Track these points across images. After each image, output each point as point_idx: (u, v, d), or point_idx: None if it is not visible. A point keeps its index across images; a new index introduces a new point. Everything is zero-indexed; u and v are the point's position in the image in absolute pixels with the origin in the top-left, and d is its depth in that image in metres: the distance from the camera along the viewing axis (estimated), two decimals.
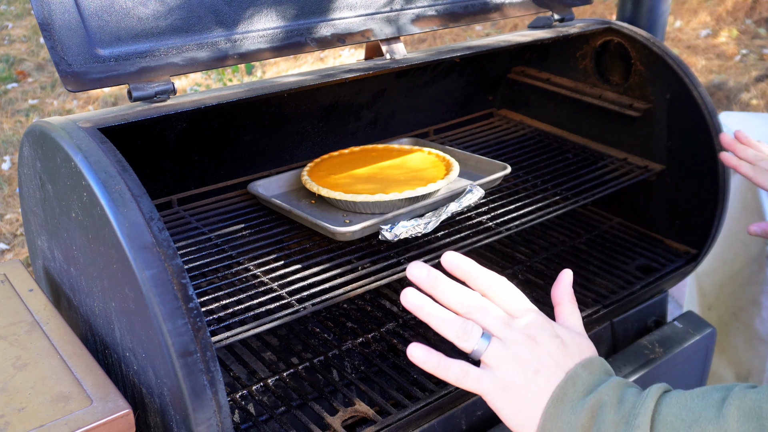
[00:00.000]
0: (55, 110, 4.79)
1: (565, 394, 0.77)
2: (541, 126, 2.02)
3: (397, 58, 1.40)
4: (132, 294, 0.94)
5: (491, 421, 1.36)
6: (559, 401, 0.76)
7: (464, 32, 5.86)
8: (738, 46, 5.10)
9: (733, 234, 2.10)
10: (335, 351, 1.42)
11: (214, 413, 0.93)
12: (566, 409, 0.75)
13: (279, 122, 1.62)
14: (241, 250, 1.35)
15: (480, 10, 1.55)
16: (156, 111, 1.13)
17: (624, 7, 2.49)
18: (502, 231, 1.48)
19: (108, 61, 1.11)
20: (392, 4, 1.43)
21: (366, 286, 1.29)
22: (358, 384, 1.31)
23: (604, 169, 1.75)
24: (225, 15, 1.23)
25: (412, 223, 1.35)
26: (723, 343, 2.12)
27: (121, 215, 0.94)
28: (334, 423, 1.22)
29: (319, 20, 1.33)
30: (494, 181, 1.56)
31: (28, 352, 1.09)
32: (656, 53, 1.67)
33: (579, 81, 1.91)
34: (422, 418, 1.25)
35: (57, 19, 1.06)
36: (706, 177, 1.65)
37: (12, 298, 1.23)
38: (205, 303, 1.23)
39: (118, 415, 0.97)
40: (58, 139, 1.05)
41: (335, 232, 1.33)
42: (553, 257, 1.74)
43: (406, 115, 1.89)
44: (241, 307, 1.19)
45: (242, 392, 1.30)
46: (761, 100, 4.48)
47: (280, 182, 1.59)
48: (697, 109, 1.62)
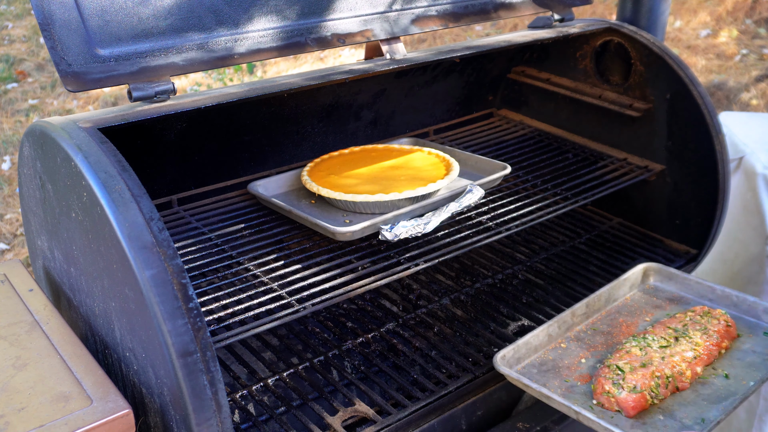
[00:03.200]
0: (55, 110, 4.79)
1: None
2: (541, 126, 2.02)
3: (397, 58, 1.40)
4: (132, 294, 0.94)
5: (491, 421, 1.36)
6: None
7: (464, 32, 5.86)
8: (738, 46, 5.10)
9: (733, 234, 2.10)
10: (335, 351, 1.42)
11: (214, 413, 0.93)
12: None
13: (279, 122, 1.62)
14: (241, 250, 1.35)
15: (480, 10, 1.55)
16: (156, 111, 1.13)
17: (624, 7, 2.49)
18: (502, 231, 1.48)
19: (108, 61, 1.11)
20: (392, 5, 1.43)
21: (366, 286, 1.29)
22: (358, 384, 1.31)
23: (604, 169, 1.75)
24: (225, 15, 1.23)
25: (412, 223, 1.35)
26: None
27: (121, 215, 0.94)
28: (334, 423, 1.22)
29: (319, 20, 1.33)
30: (494, 181, 1.56)
31: (28, 352, 1.09)
32: (656, 53, 1.67)
33: (579, 81, 1.91)
34: (422, 418, 1.25)
35: (57, 19, 1.06)
36: (706, 177, 1.65)
37: (12, 298, 1.23)
38: (205, 303, 1.23)
39: (118, 415, 0.97)
40: (58, 139, 1.05)
41: (335, 232, 1.33)
42: (553, 257, 1.75)
43: (406, 115, 1.89)
44: (241, 307, 1.19)
45: (242, 392, 1.30)
46: (761, 100, 4.48)
47: (280, 182, 1.59)
48: (697, 109, 1.62)
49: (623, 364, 1.20)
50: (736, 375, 1.20)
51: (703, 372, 1.21)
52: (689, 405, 1.14)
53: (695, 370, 1.19)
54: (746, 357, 1.26)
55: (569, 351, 1.32)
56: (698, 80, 1.63)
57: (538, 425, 1.34)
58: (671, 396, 1.17)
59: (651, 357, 1.21)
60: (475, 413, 1.33)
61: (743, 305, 1.39)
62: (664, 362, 1.18)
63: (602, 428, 1.08)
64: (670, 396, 1.17)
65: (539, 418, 1.35)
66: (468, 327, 1.50)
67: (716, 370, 1.21)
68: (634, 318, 1.42)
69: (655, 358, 1.20)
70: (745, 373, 1.21)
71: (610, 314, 1.43)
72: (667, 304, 1.46)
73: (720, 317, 1.31)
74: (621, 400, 1.13)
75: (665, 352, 1.22)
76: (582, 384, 1.23)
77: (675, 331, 1.29)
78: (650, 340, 1.26)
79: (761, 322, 1.35)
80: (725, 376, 1.20)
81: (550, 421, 1.35)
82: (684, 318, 1.33)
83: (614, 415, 1.13)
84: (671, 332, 1.28)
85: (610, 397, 1.15)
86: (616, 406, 1.14)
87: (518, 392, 1.39)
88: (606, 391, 1.15)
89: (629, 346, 1.25)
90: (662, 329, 1.31)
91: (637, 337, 1.28)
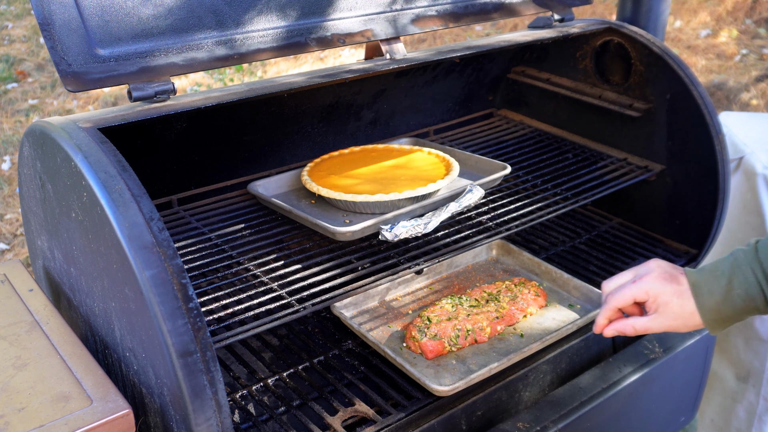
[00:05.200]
0: (55, 110, 4.79)
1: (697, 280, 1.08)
2: (541, 126, 2.02)
3: (397, 58, 1.40)
4: (132, 294, 0.94)
5: (491, 421, 1.36)
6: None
7: (464, 32, 5.86)
8: (738, 46, 5.10)
9: (733, 234, 2.10)
10: (335, 351, 1.42)
11: (214, 413, 0.93)
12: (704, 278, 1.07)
13: (279, 122, 1.62)
14: (241, 250, 1.35)
15: (480, 10, 1.55)
16: (156, 111, 1.13)
17: (624, 7, 2.49)
18: (502, 231, 1.48)
19: (108, 61, 1.11)
20: (392, 5, 1.43)
21: (366, 286, 1.29)
22: (358, 384, 1.31)
23: (604, 169, 1.75)
24: (225, 15, 1.23)
25: (412, 223, 1.35)
26: (723, 343, 2.12)
27: (121, 215, 0.94)
28: (334, 423, 1.22)
29: (319, 20, 1.33)
30: (494, 181, 1.56)
31: (28, 352, 1.09)
32: (656, 53, 1.67)
33: (579, 81, 1.91)
34: (422, 418, 1.25)
35: (57, 19, 1.06)
36: (706, 177, 1.65)
37: (12, 298, 1.23)
38: (205, 303, 1.23)
39: (118, 415, 0.97)
40: (58, 139, 1.05)
41: (335, 232, 1.33)
42: (553, 257, 1.75)
43: (406, 115, 1.89)
44: (241, 307, 1.19)
45: (242, 392, 1.30)
46: (761, 100, 4.48)
47: (280, 182, 1.59)
48: (697, 109, 1.62)
49: (432, 316, 1.39)
50: (529, 335, 1.40)
51: (503, 331, 1.41)
52: (481, 355, 1.35)
53: (496, 329, 1.39)
54: (545, 323, 1.45)
55: (401, 303, 1.52)
56: (698, 80, 1.63)
57: (538, 425, 1.34)
58: (470, 347, 1.37)
59: (458, 313, 1.41)
60: (475, 413, 1.33)
61: (559, 281, 1.55)
62: (468, 318, 1.39)
63: (398, 364, 1.28)
64: (469, 347, 1.37)
65: (539, 418, 1.36)
66: None
67: (516, 331, 1.41)
68: (467, 283, 1.59)
69: (461, 314, 1.40)
70: (538, 334, 1.41)
71: (449, 278, 1.61)
72: (500, 274, 1.63)
73: (531, 288, 1.50)
74: (422, 344, 1.33)
75: (472, 311, 1.42)
76: (401, 330, 1.43)
77: (489, 295, 1.48)
78: (463, 300, 1.46)
79: (571, 296, 1.53)
80: (521, 335, 1.40)
81: (549, 421, 1.35)
82: (501, 286, 1.51)
83: (417, 357, 1.34)
84: (485, 296, 1.48)
85: (415, 342, 1.35)
86: (419, 349, 1.34)
87: (518, 392, 1.40)
88: (413, 337, 1.35)
89: (444, 303, 1.44)
90: (479, 292, 1.49)
91: (454, 297, 1.47)
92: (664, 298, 1.10)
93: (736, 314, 1.06)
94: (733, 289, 1.04)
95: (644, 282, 1.12)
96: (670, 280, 1.11)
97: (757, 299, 1.03)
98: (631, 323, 1.14)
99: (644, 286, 1.12)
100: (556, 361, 1.46)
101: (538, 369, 1.42)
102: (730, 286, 1.05)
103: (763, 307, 1.04)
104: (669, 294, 1.10)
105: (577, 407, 1.40)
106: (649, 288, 1.12)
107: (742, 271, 1.04)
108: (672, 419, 1.70)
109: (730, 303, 1.05)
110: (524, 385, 1.41)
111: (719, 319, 1.07)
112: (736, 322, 1.09)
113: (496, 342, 1.38)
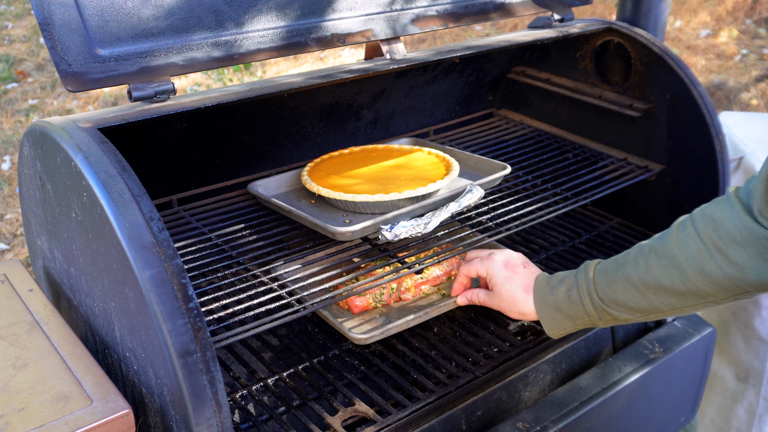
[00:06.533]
0: (55, 110, 4.79)
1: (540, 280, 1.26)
2: (541, 126, 2.02)
3: (397, 58, 1.40)
4: (132, 294, 0.94)
5: (491, 421, 1.36)
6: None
7: (464, 32, 5.87)
8: (738, 46, 5.10)
9: None
10: (335, 351, 1.42)
11: (214, 413, 0.93)
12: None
13: (279, 122, 1.62)
14: (241, 250, 1.35)
15: (480, 10, 1.55)
16: (156, 111, 1.13)
17: (624, 7, 2.49)
18: (502, 231, 1.48)
19: (108, 61, 1.11)
20: (392, 4, 1.43)
21: (366, 286, 1.29)
22: (358, 384, 1.31)
23: (604, 169, 1.75)
24: (225, 15, 1.23)
25: (412, 223, 1.35)
26: (723, 343, 2.12)
27: (121, 215, 0.94)
28: (334, 423, 1.22)
29: (319, 20, 1.33)
30: (494, 181, 1.56)
31: (28, 352, 1.09)
32: (656, 53, 1.67)
33: (579, 81, 1.91)
34: (422, 418, 1.25)
35: (57, 19, 1.06)
36: (706, 177, 1.65)
37: (12, 298, 1.23)
38: (205, 303, 1.23)
39: (118, 415, 0.97)
40: (58, 139, 1.05)
41: (335, 232, 1.33)
42: (553, 257, 1.75)
43: (406, 115, 1.89)
44: (241, 307, 1.19)
45: (242, 392, 1.30)
46: (761, 100, 4.48)
47: (280, 182, 1.59)
48: (697, 109, 1.62)
49: (361, 277, 1.42)
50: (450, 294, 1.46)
51: (428, 291, 1.49)
52: (404, 311, 1.43)
53: (421, 289, 1.48)
54: None
55: None
56: (698, 80, 1.63)
57: (538, 425, 1.34)
58: (395, 303, 1.45)
59: None
60: (475, 413, 1.33)
61: None
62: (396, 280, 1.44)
63: (323, 315, 1.38)
64: (394, 303, 1.45)
65: (539, 418, 1.36)
66: (467, 327, 1.50)
67: (440, 290, 1.50)
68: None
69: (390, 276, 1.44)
70: None
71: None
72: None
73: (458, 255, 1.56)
74: (349, 300, 1.41)
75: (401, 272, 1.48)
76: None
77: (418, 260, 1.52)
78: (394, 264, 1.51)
79: None
80: (443, 294, 1.49)
81: (549, 421, 1.35)
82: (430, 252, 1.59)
83: (346, 312, 1.42)
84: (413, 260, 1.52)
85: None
86: (347, 305, 1.42)
87: (518, 392, 1.40)
88: None
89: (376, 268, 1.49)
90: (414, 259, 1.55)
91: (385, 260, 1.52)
92: (496, 280, 1.29)
93: (566, 318, 1.22)
94: (562, 286, 1.22)
95: (487, 261, 1.32)
96: (509, 267, 1.29)
97: (579, 303, 1.19)
98: (477, 293, 1.35)
99: (486, 264, 1.32)
100: (556, 361, 1.46)
101: (538, 369, 1.42)
102: (561, 284, 1.22)
103: (590, 312, 1.19)
104: (502, 277, 1.28)
105: (577, 407, 1.40)
106: (488, 268, 1.31)
107: (574, 275, 1.21)
108: (672, 419, 1.70)
109: (557, 297, 1.22)
110: (524, 385, 1.41)
111: (549, 317, 1.23)
112: (572, 329, 1.23)
113: (420, 300, 1.46)
